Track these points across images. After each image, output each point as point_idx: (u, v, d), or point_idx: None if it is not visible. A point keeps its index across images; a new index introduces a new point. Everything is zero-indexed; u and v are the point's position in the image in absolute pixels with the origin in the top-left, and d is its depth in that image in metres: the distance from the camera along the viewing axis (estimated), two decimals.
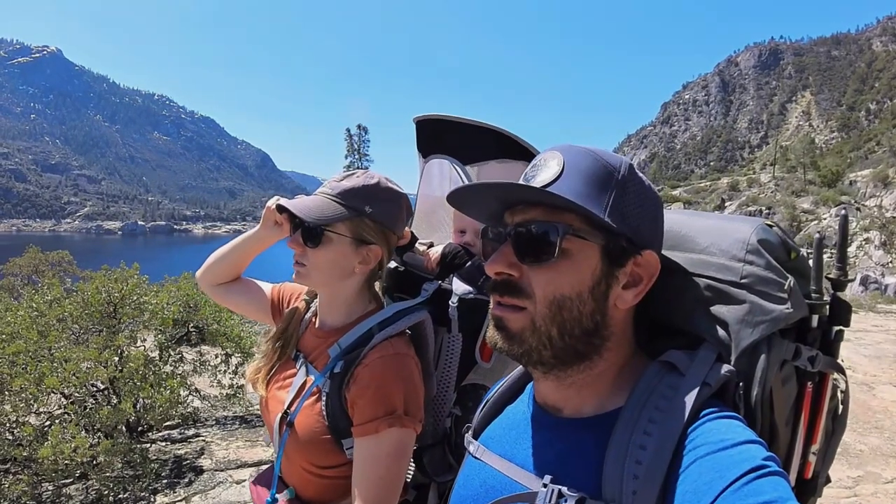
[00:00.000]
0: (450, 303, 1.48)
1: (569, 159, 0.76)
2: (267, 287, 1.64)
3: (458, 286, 1.50)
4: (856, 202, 41.27)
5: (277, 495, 1.38)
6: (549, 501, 0.71)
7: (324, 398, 1.31)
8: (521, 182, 0.78)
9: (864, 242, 35.13)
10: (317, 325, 1.46)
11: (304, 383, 1.36)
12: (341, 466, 1.33)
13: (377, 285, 1.50)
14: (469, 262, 1.53)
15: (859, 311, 13.21)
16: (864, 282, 30.60)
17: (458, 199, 0.82)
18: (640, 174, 0.79)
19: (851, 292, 24.12)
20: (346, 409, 1.29)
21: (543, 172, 0.76)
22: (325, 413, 1.30)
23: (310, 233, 1.32)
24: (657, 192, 0.81)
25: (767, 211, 46.01)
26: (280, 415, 1.35)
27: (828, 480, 0.88)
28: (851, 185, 49.77)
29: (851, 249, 34.45)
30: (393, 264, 1.61)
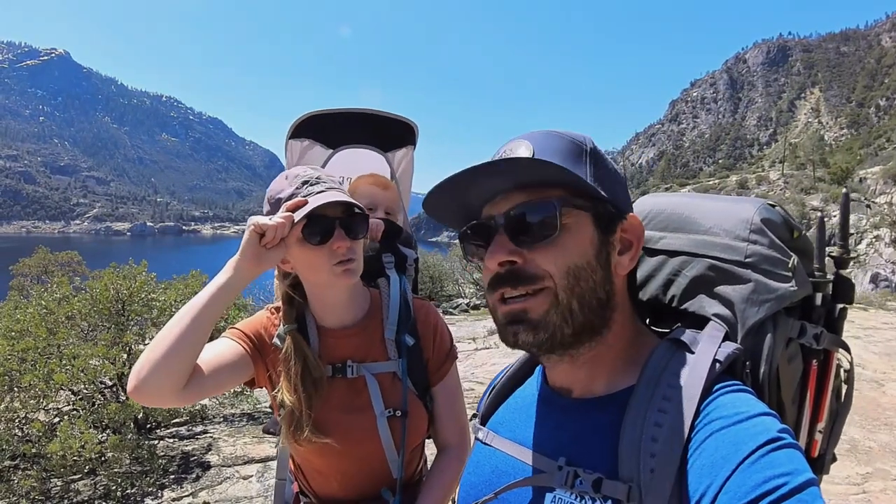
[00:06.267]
0: (407, 265, 1.75)
1: (537, 143, 0.75)
2: (228, 342, 1.33)
3: (407, 251, 1.78)
4: (866, 199, 40.94)
5: None
6: (566, 483, 0.70)
7: (401, 375, 1.37)
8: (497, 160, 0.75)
9: (874, 240, 34.78)
10: (332, 328, 1.37)
11: (384, 379, 1.35)
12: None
13: None
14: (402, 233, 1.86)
15: (869, 309, 13.06)
16: (875, 279, 30.31)
17: (433, 205, 0.80)
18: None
19: (861, 290, 23.91)
20: (428, 368, 1.43)
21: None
22: (412, 386, 1.39)
23: (361, 224, 1.29)
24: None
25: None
26: (386, 418, 1.32)
27: (833, 458, 0.88)
28: (861, 182, 49.39)
29: (861, 247, 34.14)
30: None
